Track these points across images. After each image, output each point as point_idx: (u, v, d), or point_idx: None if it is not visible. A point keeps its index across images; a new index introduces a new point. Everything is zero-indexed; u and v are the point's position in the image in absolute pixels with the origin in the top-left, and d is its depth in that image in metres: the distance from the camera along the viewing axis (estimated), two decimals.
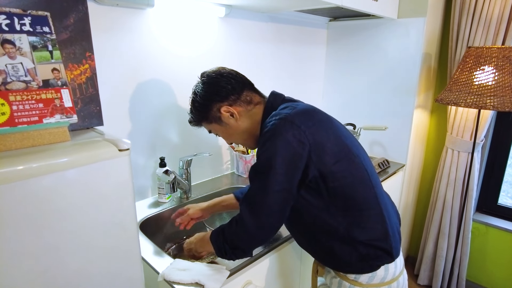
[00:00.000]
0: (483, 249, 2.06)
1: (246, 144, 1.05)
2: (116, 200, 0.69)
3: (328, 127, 0.88)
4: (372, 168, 0.96)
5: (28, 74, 0.64)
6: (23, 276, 0.60)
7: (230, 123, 0.97)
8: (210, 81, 0.97)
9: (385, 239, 0.89)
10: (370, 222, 0.88)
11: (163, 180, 1.33)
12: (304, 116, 0.85)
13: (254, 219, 0.84)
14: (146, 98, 1.32)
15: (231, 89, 0.95)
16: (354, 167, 0.87)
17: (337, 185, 0.84)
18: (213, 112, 0.97)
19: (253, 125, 0.98)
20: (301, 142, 0.81)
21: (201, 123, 1.02)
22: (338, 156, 0.84)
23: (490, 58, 1.49)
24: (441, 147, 2.08)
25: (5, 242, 0.57)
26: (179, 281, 0.88)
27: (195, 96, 0.99)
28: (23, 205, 0.57)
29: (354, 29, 1.99)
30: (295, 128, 0.81)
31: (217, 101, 0.96)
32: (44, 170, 0.59)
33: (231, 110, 0.95)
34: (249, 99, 0.98)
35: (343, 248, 0.88)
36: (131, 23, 1.21)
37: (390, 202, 1.01)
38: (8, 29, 0.62)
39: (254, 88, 1.02)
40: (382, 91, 1.95)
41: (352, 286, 0.91)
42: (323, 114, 0.92)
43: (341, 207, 0.86)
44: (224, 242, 0.89)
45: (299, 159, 0.81)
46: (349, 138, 0.92)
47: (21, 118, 0.62)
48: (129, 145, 0.69)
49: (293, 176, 0.82)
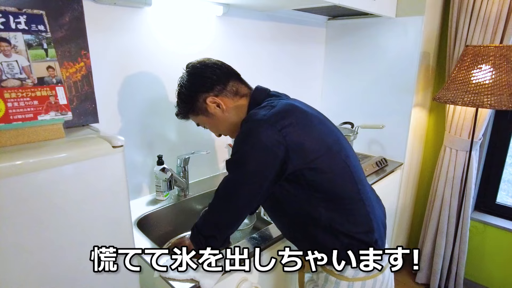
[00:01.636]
0: (481, 248, 2.07)
1: (234, 136, 1.03)
2: (110, 196, 0.70)
3: (306, 125, 0.88)
4: (357, 165, 0.97)
5: (23, 72, 0.65)
6: (17, 270, 0.60)
7: (216, 114, 0.97)
8: (195, 72, 0.97)
9: (367, 233, 0.90)
10: (352, 215, 0.89)
11: (160, 178, 1.34)
12: (280, 115, 0.85)
13: (222, 206, 0.90)
14: (143, 96, 1.32)
15: (216, 79, 0.95)
16: (334, 163, 0.88)
17: (316, 179, 0.86)
18: (199, 103, 0.97)
19: (239, 117, 0.97)
20: (277, 141, 0.81)
21: (188, 115, 1.02)
22: (317, 153, 0.85)
23: (487, 57, 1.49)
24: (439, 146, 2.08)
25: (1, 236, 0.58)
26: (175, 278, 0.89)
27: (180, 88, 0.99)
28: (18, 200, 0.58)
29: (353, 28, 1.99)
30: (269, 127, 0.82)
31: (202, 91, 0.95)
32: (39, 166, 0.60)
33: (217, 101, 0.95)
34: (235, 89, 0.97)
35: (326, 236, 0.89)
36: (129, 22, 1.22)
37: (374, 197, 1.02)
38: (4, 28, 0.63)
39: (240, 78, 1.01)
40: (381, 89, 1.95)
41: (338, 280, 0.92)
42: (302, 112, 0.91)
43: (322, 198, 0.87)
44: (198, 233, 0.92)
45: (274, 158, 0.82)
46: (331, 135, 0.92)
47: (16, 115, 0.63)
48: (123, 142, 0.70)
49: (264, 174, 0.84)
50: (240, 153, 0.86)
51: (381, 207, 1.04)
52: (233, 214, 0.90)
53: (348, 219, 0.89)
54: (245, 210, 0.91)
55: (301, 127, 0.86)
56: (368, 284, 0.92)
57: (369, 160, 1.85)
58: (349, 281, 0.91)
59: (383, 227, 0.98)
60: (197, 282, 0.88)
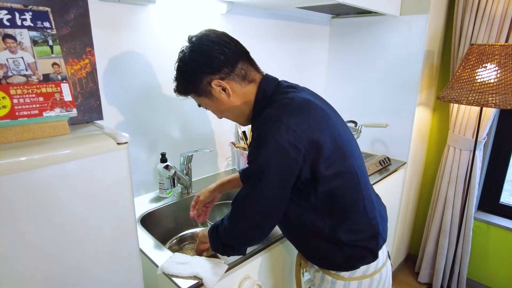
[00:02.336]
0: (484, 248, 2.06)
1: (237, 121, 0.99)
2: (114, 193, 0.70)
3: (324, 127, 0.83)
4: (363, 169, 0.95)
5: (29, 68, 0.65)
6: (22, 266, 0.61)
7: (221, 98, 0.89)
8: (200, 50, 0.85)
9: (371, 239, 0.89)
10: (355, 223, 0.88)
11: (163, 175, 1.34)
12: (299, 118, 0.79)
13: (244, 221, 0.83)
14: (147, 94, 1.33)
15: (224, 60, 0.85)
16: (344, 169, 0.85)
17: (326, 189, 0.83)
18: (203, 85, 0.87)
19: (246, 105, 0.91)
20: (297, 148, 0.77)
21: (189, 95, 0.93)
22: (332, 158, 0.82)
23: (492, 56, 1.48)
24: (443, 145, 2.07)
25: (6, 232, 0.58)
26: (178, 274, 0.89)
27: (182, 65, 0.88)
28: (23, 196, 0.59)
29: (357, 26, 1.98)
30: (290, 133, 0.76)
31: (207, 73, 0.85)
32: (44, 162, 0.60)
33: (223, 85, 0.86)
34: (243, 73, 0.88)
35: (329, 247, 0.88)
36: (133, 19, 1.22)
37: (376, 198, 1.01)
38: (9, 24, 0.64)
39: (250, 59, 0.92)
40: (384, 88, 1.94)
41: (334, 280, 0.91)
42: (319, 110, 0.86)
43: (328, 209, 0.86)
44: (217, 239, 0.89)
45: (294, 165, 0.78)
46: (344, 136, 0.89)
47: (22, 111, 0.63)
48: (128, 139, 0.70)
49: (288, 182, 0.80)
50: (259, 162, 0.79)
51: (381, 205, 1.03)
52: (256, 228, 0.84)
53: (351, 228, 0.87)
54: (269, 223, 0.84)
55: (320, 130, 0.81)
56: (364, 283, 0.91)
57: (372, 159, 1.84)
58: (345, 280, 0.91)
59: (384, 232, 0.96)
60: (200, 279, 0.88)
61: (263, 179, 0.78)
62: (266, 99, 0.89)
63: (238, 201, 0.85)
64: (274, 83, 0.92)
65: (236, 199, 0.85)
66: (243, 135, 1.67)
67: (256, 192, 0.80)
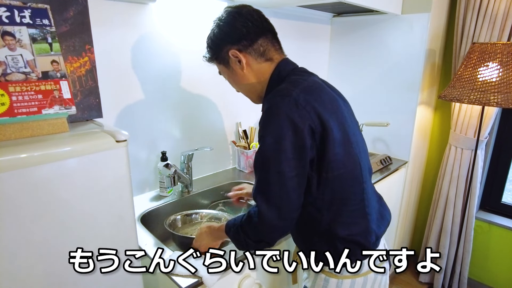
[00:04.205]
0: (485, 247, 2.05)
1: (249, 97, 1.00)
2: (114, 191, 0.70)
3: (333, 112, 0.82)
4: (366, 161, 0.94)
5: (28, 66, 0.65)
6: (21, 264, 0.61)
7: (235, 69, 0.92)
8: (226, 20, 0.89)
9: (362, 235, 0.88)
10: (351, 217, 0.87)
11: (164, 174, 1.34)
12: (310, 96, 0.79)
13: (273, 211, 0.80)
14: (148, 92, 1.33)
15: (245, 32, 0.87)
16: (348, 158, 0.84)
17: (329, 176, 0.82)
18: (223, 53, 0.91)
19: (258, 82, 0.92)
20: (307, 124, 0.76)
21: (212, 61, 0.97)
22: (338, 143, 0.81)
23: (494, 54, 1.47)
24: (444, 144, 2.06)
25: (5, 229, 0.58)
26: (178, 273, 0.89)
27: (211, 32, 0.93)
28: (22, 193, 0.59)
29: (358, 25, 1.98)
30: (300, 108, 0.76)
31: (228, 42, 0.89)
32: (43, 160, 0.60)
33: (240, 56, 0.88)
34: (262, 50, 0.90)
35: (322, 242, 0.88)
36: (133, 18, 1.22)
37: (377, 199, 1.00)
38: (8, 21, 0.64)
39: (275, 39, 0.93)
40: (386, 87, 1.93)
41: (327, 278, 0.91)
42: (330, 94, 0.86)
43: (328, 201, 0.85)
44: (245, 237, 0.85)
45: (307, 139, 0.77)
46: (352, 126, 0.88)
47: (21, 108, 0.63)
48: (127, 137, 0.70)
49: (305, 159, 0.78)
50: (271, 138, 0.77)
51: (384, 206, 1.02)
52: (284, 216, 0.81)
53: (347, 221, 0.87)
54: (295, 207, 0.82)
55: (329, 113, 0.80)
56: (358, 282, 0.90)
57: (374, 158, 1.84)
58: (338, 278, 0.90)
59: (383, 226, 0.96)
60: (200, 278, 0.88)
61: (281, 156, 0.76)
62: (280, 79, 0.89)
63: (261, 189, 0.81)
64: (292, 66, 0.93)
65: (259, 188, 0.82)
66: (243, 134, 1.66)
67: (277, 175, 0.77)
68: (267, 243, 0.86)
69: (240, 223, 0.87)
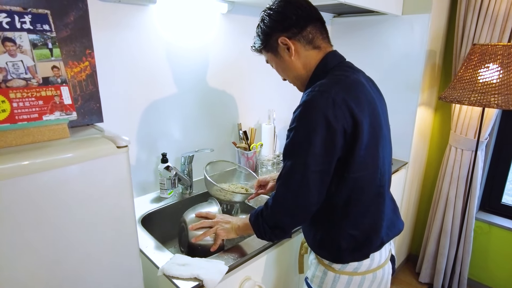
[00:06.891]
0: (485, 248, 2.05)
1: (295, 83, 1.00)
2: (114, 196, 0.70)
3: (369, 113, 0.83)
4: (388, 167, 0.94)
5: (28, 72, 0.65)
6: (23, 269, 0.61)
7: (284, 56, 0.92)
8: (277, 9, 0.90)
9: (370, 238, 0.89)
10: (363, 217, 0.88)
11: (164, 175, 1.34)
12: (348, 95, 0.80)
13: (288, 195, 0.83)
14: (148, 95, 1.33)
15: (295, 20, 0.88)
16: (372, 161, 0.85)
17: (350, 177, 0.83)
18: (272, 41, 0.92)
19: (304, 69, 0.93)
20: (341, 125, 0.77)
21: (261, 50, 0.98)
22: (365, 145, 0.81)
23: (495, 56, 1.47)
24: (444, 145, 2.06)
25: (7, 235, 0.58)
26: (179, 276, 0.89)
27: (260, 21, 0.94)
28: (24, 200, 0.59)
29: (358, 26, 1.97)
30: (337, 108, 0.77)
31: (278, 30, 0.90)
32: (45, 166, 0.60)
33: (289, 43, 0.89)
34: (311, 37, 0.90)
35: (329, 237, 0.89)
36: (134, 20, 1.22)
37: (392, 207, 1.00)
38: (9, 27, 0.63)
39: (323, 27, 0.93)
40: (386, 88, 1.92)
41: (326, 270, 0.92)
42: (369, 95, 0.87)
43: (343, 199, 0.86)
44: (263, 222, 0.89)
45: (338, 140, 0.78)
46: (384, 127, 0.89)
47: (21, 115, 0.63)
48: (128, 142, 0.70)
49: (332, 157, 0.80)
50: (303, 130, 0.79)
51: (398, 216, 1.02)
52: (302, 205, 0.84)
53: (357, 221, 0.88)
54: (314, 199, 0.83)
55: (363, 114, 0.81)
56: (355, 280, 0.91)
57: None
58: (336, 273, 0.91)
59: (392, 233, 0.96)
60: (201, 281, 0.88)
61: (308, 150, 0.78)
62: (325, 71, 0.89)
63: (284, 177, 0.85)
64: (339, 59, 0.94)
65: (282, 176, 0.85)
66: (244, 135, 1.66)
67: (301, 166, 0.80)
68: (282, 229, 0.88)
69: (260, 209, 0.92)
